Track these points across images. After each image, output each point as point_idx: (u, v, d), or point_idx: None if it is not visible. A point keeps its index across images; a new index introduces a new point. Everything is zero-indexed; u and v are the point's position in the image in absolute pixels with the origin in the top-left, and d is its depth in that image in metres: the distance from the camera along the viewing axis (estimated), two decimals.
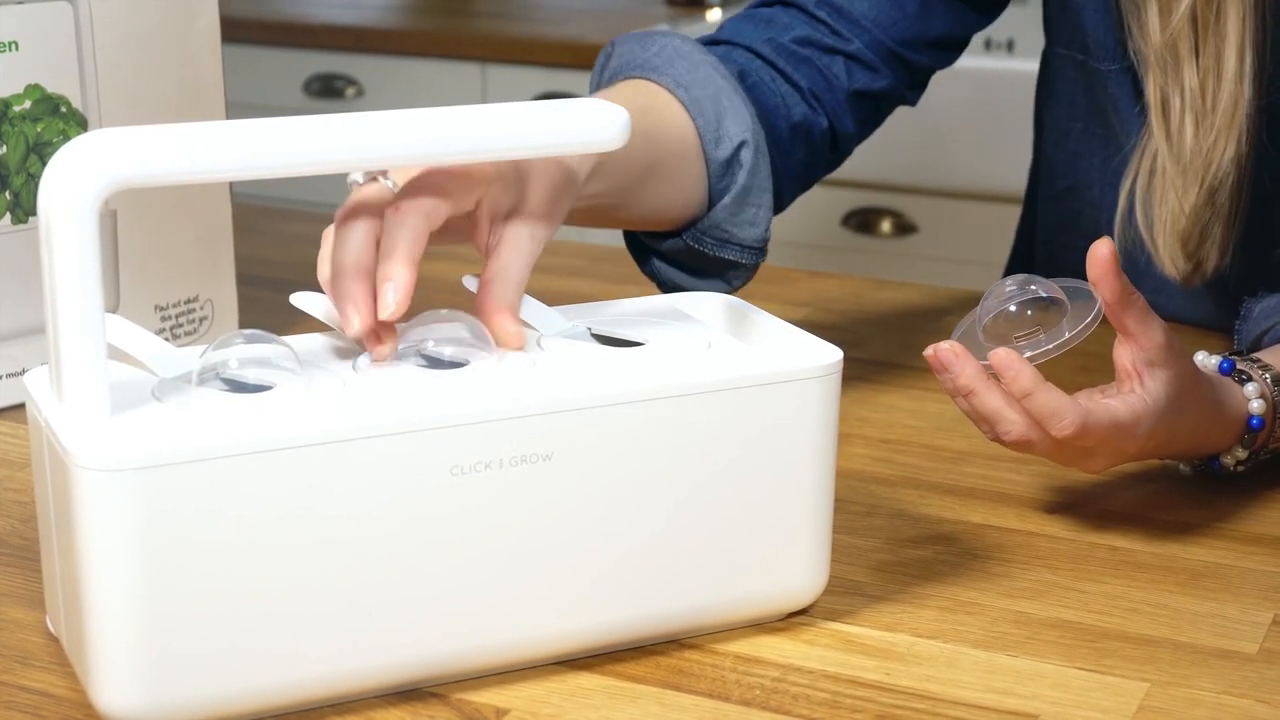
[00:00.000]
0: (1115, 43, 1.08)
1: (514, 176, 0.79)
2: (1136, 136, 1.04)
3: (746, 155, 1.00)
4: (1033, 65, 1.24)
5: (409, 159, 0.71)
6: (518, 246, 0.77)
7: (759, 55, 1.06)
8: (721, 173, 1.00)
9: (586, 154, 0.84)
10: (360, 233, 0.74)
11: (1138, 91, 1.09)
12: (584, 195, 0.88)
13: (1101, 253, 0.79)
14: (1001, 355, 0.80)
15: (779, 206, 1.06)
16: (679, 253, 1.02)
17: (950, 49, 1.12)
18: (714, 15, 2.61)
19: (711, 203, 1.01)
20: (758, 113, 1.03)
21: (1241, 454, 0.89)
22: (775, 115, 1.04)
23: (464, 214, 0.77)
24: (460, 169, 0.76)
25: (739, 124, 1.00)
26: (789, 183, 1.06)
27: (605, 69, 1.04)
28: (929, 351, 0.81)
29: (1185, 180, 0.99)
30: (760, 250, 1.02)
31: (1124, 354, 0.83)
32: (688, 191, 0.99)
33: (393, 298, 0.72)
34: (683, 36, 1.03)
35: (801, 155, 1.06)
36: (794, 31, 1.07)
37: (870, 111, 1.10)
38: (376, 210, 0.75)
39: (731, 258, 1.01)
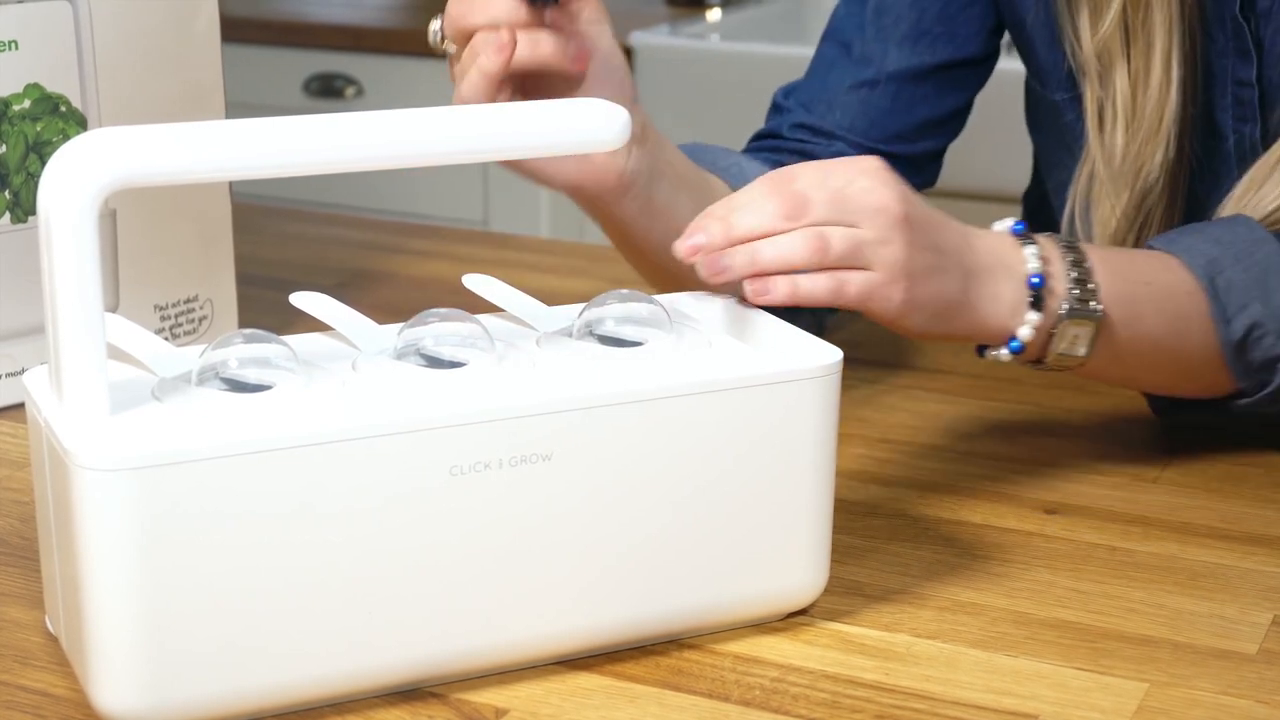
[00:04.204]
0: (1065, 73, 1.10)
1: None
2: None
3: None
4: None
5: (410, 159, 0.71)
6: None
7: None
8: None
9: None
10: None
11: None
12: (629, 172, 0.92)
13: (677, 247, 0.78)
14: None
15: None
16: None
17: (947, 122, 1.14)
18: (714, 15, 2.61)
19: None
20: None
21: (1034, 318, 0.84)
22: None
23: None
24: None
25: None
26: None
27: None
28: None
29: (1117, 186, 1.01)
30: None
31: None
32: None
33: None
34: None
35: None
36: (785, 149, 1.11)
37: None
38: None
39: None
